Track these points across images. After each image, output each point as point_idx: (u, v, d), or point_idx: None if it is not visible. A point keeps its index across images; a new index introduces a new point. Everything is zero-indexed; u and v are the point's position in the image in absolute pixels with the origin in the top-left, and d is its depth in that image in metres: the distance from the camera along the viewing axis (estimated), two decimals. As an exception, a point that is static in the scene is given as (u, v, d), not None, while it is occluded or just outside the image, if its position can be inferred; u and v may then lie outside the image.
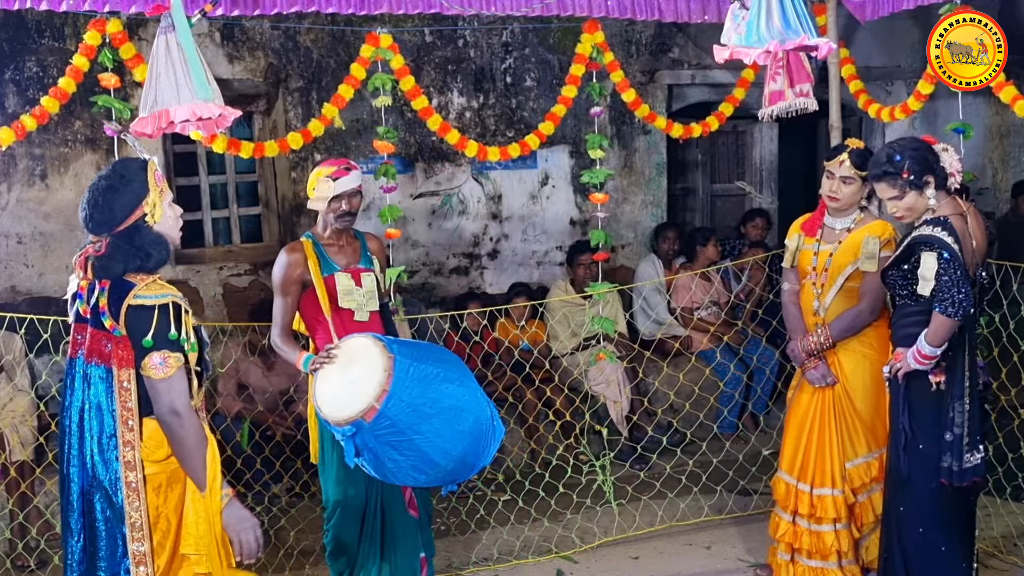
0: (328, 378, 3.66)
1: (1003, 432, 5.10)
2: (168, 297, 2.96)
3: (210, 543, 3.07)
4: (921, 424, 3.69)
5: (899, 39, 7.59)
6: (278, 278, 4.05)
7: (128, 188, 3.02)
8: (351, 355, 3.64)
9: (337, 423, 3.47)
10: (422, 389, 3.43)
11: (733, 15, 3.93)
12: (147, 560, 2.98)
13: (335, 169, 4.03)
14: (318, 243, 4.12)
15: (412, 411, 3.40)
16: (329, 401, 3.58)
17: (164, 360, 2.94)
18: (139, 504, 2.97)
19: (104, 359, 2.98)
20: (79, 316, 3.07)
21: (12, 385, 5.23)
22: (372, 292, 4.12)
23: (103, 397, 2.99)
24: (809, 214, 4.37)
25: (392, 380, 3.41)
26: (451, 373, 3.53)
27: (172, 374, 2.95)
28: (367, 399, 3.40)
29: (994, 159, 8.09)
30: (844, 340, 4.15)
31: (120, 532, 2.97)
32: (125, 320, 2.93)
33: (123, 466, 2.96)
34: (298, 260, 4.04)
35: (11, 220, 5.99)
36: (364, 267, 4.14)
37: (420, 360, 3.50)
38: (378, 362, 3.48)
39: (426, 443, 3.40)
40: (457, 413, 3.45)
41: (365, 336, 3.68)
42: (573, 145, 7.19)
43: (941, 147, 3.72)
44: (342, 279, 4.05)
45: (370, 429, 3.40)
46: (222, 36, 6.35)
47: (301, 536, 5.19)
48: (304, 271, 4.03)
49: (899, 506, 3.75)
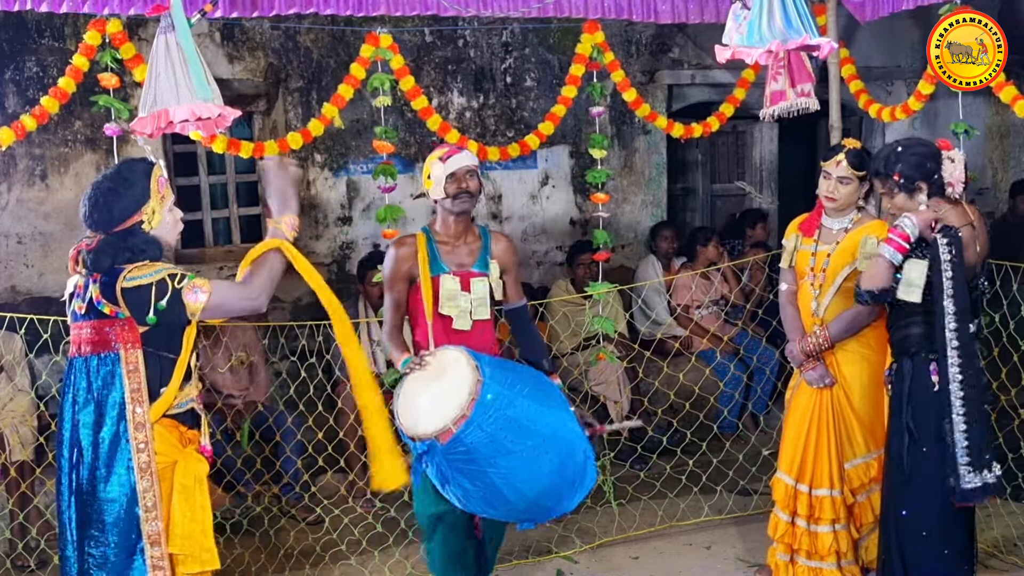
0: (413, 386, 3.43)
1: (1003, 432, 5.09)
2: (160, 272, 3.00)
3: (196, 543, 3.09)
4: (923, 425, 3.67)
5: (899, 39, 7.59)
6: (386, 273, 3.85)
7: (129, 192, 3.04)
8: (442, 367, 3.40)
9: (410, 436, 3.28)
10: (507, 421, 3.19)
11: (735, 15, 3.92)
12: (161, 540, 3.01)
13: (445, 150, 3.82)
14: (432, 239, 3.84)
15: (491, 442, 3.17)
16: (408, 411, 3.36)
17: (193, 289, 3.01)
18: (151, 484, 3.00)
19: (110, 347, 3.00)
20: (76, 315, 3.08)
21: (12, 385, 5.23)
22: (482, 300, 3.80)
23: (110, 384, 3.00)
24: (806, 214, 4.37)
25: (475, 406, 3.18)
26: (545, 408, 3.30)
27: (211, 291, 3.02)
28: (444, 420, 3.20)
29: (994, 159, 8.09)
30: (842, 341, 4.15)
31: (134, 514, 2.99)
32: (125, 302, 2.96)
33: (134, 447, 2.99)
34: (406, 255, 3.80)
35: (11, 220, 5.99)
36: (478, 271, 3.84)
37: (513, 388, 3.26)
38: (465, 383, 3.25)
39: (500, 478, 3.18)
40: (541, 454, 3.20)
41: (460, 350, 3.44)
42: (573, 145, 7.19)
43: (949, 155, 3.66)
44: (447, 282, 3.77)
45: (443, 452, 3.20)
46: (222, 36, 6.35)
47: (301, 536, 5.19)
48: (412, 266, 3.79)
49: (901, 509, 3.73)
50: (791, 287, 4.36)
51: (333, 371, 5.81)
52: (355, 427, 5.38)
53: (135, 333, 3.00)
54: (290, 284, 6.61)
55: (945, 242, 3.54)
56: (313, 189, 6.68)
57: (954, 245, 3.53)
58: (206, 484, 3.14)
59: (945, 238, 3.55)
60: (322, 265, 6.74)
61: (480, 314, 3.79)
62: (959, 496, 3.57)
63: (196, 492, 3.11)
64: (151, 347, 3.02)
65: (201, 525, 3.10)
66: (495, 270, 3.85)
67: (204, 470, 3.15)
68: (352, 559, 4.97)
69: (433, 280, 3.76)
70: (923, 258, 3.55)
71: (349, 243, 6.79)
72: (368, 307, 5.98)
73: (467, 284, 3.77)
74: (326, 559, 4.97)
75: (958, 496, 3.57)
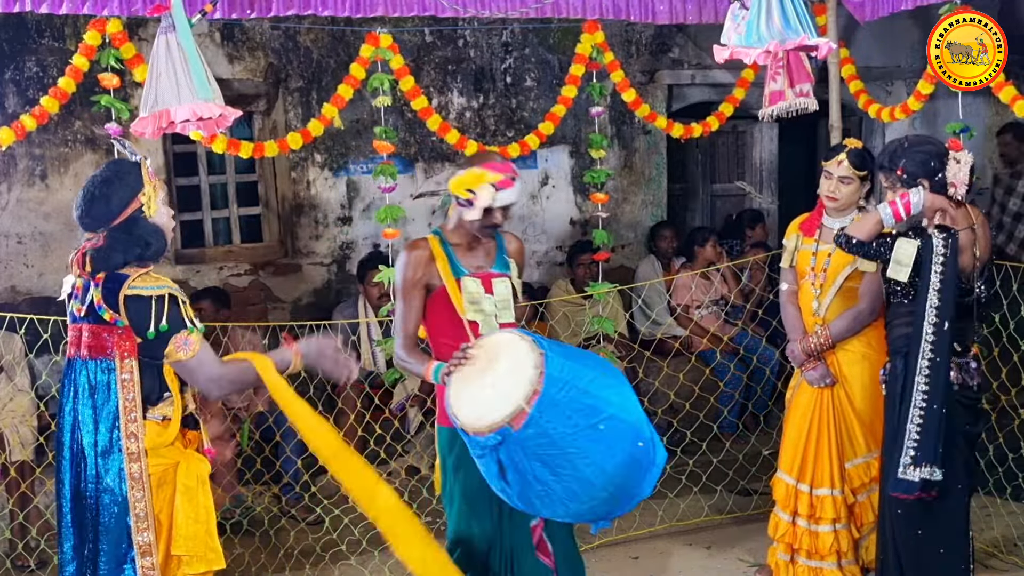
0: (466, 381, 3.13)
1: (1003, 432, 5.09)
2: (164, 289, 2.99)
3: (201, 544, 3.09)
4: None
5: (899, 39, 7.59)
6: (399, 280, 3.56)
7: (124, 182, 3.05)
8: (494, 353, 3.12)
9: (478, 432, 2.96)
10: (578, 393, 2.94)
11: (733, 15, 3.92)
12: (152, 550, 3.01)
13: (502, 178, 3.45)
14: (446, 241, 3.58)
15: (567, 418, 2.90)
16: (467, 407, 3.04)
17: (187, 340, 3.00)
18: (143, 495, 3.00)
19: (106, 353, 3.00)
20: (74, 317, 3.08)
21: (12, 385, 5.23)
22: (507, 301, 3.57)
23: (106, 391, 3.00)
24: (807, 214, 4.37)
25: (544, 379, 2.92)
26: (608, 379, 3.06)
27: (199, 349, 3.01)
28: (516, 401, 2.90)
29: (994, 159, 8.08)
30: (843, 340, 4.15)
31: (125, 524, 2.99)
32: (126, 311, 2.95)
33: (127, 457, 2.98)
34: (421, 259, 3.53)
35: (11, 220, 5.99)
36: (498, 271, 3.61)
37: (576, 360, 3.04)
38: (527, 358, 2.97)
39: (582, 459, 2.90)
40: (616, 425, 2.95)
41: (508, 331, 3.21)
42: (573, 145, 7.19)
43: (955, 156, 3.64)
44: (469, 285, 3.51)
45: (518, 439, 2.90)
46: (222, 36, 6.35)
47: (301, 536, 5.19)
48: (429, 272, 3.52)
49: (896, 507, 3.74)
50: (792, 287, 4.36)
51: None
52: (355, 427, 5.39)
53: (132, 343, 2.99)
54: (290, 284, 6.66)
55: (942, 238, 3.54)
56: (313, 189, 6.68)
57: (949, 245, 3.53)
58: (209, 484, 3.14)
59: (942, 233, 3.56)
60: (322, 265, 6.75)
61: (506, 316, 3.54)
62: (891, 485, 3.58)
63: (199, 493, 3.11)
64: (147, 357, 3.02)
65: (205, 525, 3.10)
66: (514, 269, 3.66)
67: (206, 470, 3.15)
68: (352, 559, 4.97)
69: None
70: (916, 240, 3.55)
71: (349, 243, 6.79)
72: (368, 307, 5.98)
73: (489, 286, 3.55)
74: (326, 559, 4.97)
75: (890, 484, 3.58)
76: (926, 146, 3.71)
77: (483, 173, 3.44)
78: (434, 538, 3.25)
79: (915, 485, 3.52)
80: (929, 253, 3.53)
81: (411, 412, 5.89)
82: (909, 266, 3.56)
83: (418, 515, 5.32)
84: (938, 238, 3.53)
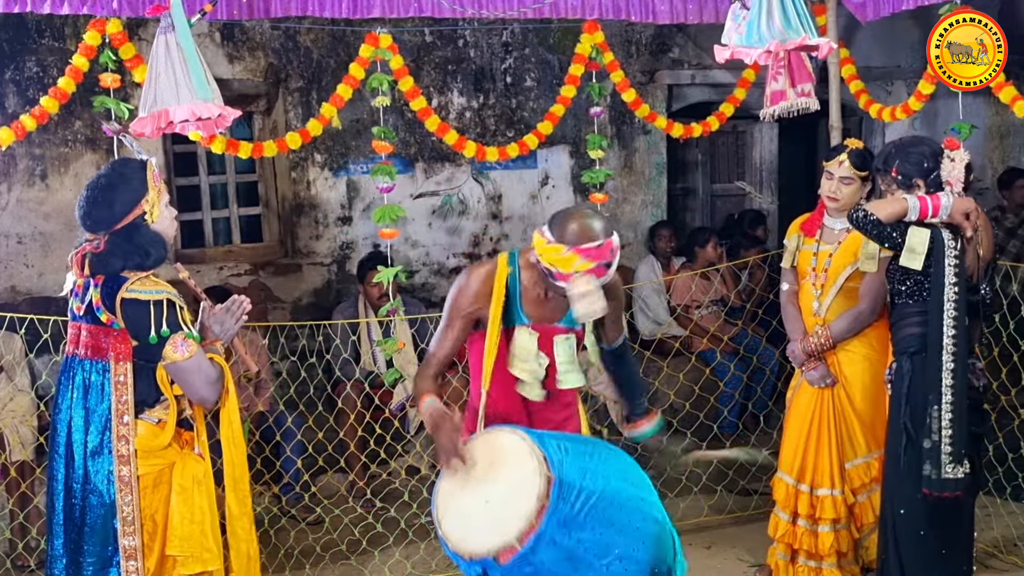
0: (456, 485, 2.67)
1: (1003, 432, 5.09)
2: (163, 294, 2.98)
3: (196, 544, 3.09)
4: (920, 424, 3.67)
5: (899, 39, 7.58)
6: (449, 299, 3.11)
7: (128, 186, 3.04)
8: (496, 459, 2.64)
9: (459, 553, 2.59)
10: (589, 531, 2.49)
11: (734, 15, 3.93)
12: (137, 555, 3.00)
13: (593, 266, 2.89)
14: (517, 276, 3.05)
15: (567, 560, 2.48)
16: (454, 518, 2.62)
17: (183, 342, 2.99)
18: (131, 499, 2.99)
19: (102, 354, 3.00)
20: (74, 315, 3.08)
21: (12, 385, 5.23)
22: (568, 364, 3.07)
23: (99, 392, 3.00)
24: (808, 214, 4.37)
25: (545, 515, 2.47)
26: (631, 501, 2.59)
27: (195, 351, 3.01)
28: (505, 536, 2.49)
29: (994, 159, 8.09)
30: (844, 340, 4.15)
31: (112, 527, 2.99)
32: (122, 314, 2.95)
33: (116, 459, 2.98)
34: (477, 289, 3.04)
35: (11, 220, 5.99)
36: (564, 326, 3.09)
37: (593, 480, 2.55)
38: (530, 484, 2.50)
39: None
40: (630, 562, 2.51)
41: (519, 437, 2.66)
42: (573, 145, 7.19)
43: (950, 155, 3.64)
44: (523, 338, 3.02)
45: (502, 572, 2.53)
46: (222, 36, 6.35)
47: (301, 536, 5.18)
48: (482, 307, 3.04)
49: (899, 508, 3.74)
50: (792, 287, 4.36)
51: (333, 371, 5.81)
52: (355, 427, 5.39)
53: (127, 346, 2.99)
54: (290, 284, 6.66)
55: (950, 234, 3.53)
56: (313, 189, 6.68)
57: (959, 239, 3.53)
58: (205, 484, 3.13)
59: (949, 230, 3.56)
60: (322, 265, 6.75)
61: (569, 380, 3.07)
62: (937, 485, 3.53)
63: (195, 493, 3.10)
64: (142, 360, 3.02)
65: (201, 526, 3.10)
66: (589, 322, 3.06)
67: (203, 471, 3.14)
68: (352, 559, 4.97)
69: (506, 331, 3.03)
70: (928, 228, 3.52)
71: (349, 243, 6.79)
72: (368, 307, 5.98)
73: (548, 343, 3.04)
74: (326, 559, 4.97)
75: (936, 485, 3.54)
76: (920, 146, 3.71)
77: (572, 258, 2.87)
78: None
79: (961, 482, 3.51)
80: (940, 246, 3.51)
81: (411, 412, 5.89)
82: (923, 255, 3.50)
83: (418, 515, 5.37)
84: (946, 232, 3.53)
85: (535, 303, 3.05)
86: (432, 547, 5.09)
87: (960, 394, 3.52)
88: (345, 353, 5.62)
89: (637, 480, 2.68)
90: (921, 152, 3.67)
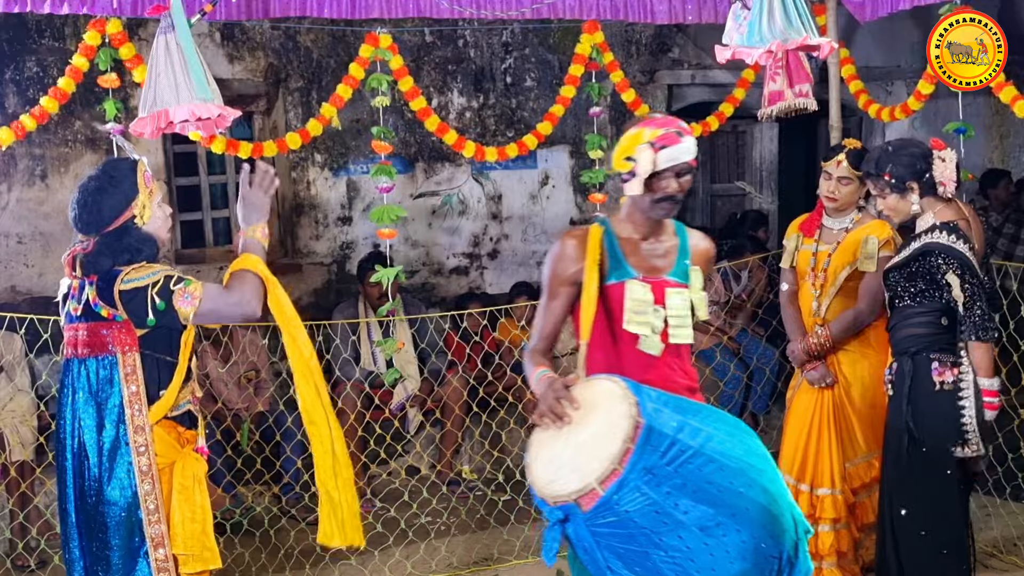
0: (550, 432, 2.53)
1: (1003, 432, 5.09)
2: (159, 274, 2.98)
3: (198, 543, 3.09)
4: (925, 425, 3.68)
5: (899, 39, 7.58)
6: (545, 273, 2.98)
7: (117, 189, 3.03)
8: (588, 404, 2.51)
9: (543, 497, 2.43)
10: (680, 482, 2.29)
11: (735, 15, 3.93)
12: (165, 541, 3.01)
13: (661, 132, 2.81)
14: (612, 233, 2.95)
15: (654, 512, 2.28)
16: (544, 462, 2.48)
17: (186, 293, 2.97)
18: (153, 488, 3.00)
19: (106, 349, 3.00)
20: (71, 316, 3.08)
21: (12, 385, 5.23)
22: (682, 318, 2.90)
23: (108, 387, 3.00)
24: (807, 214, 4.37)
25: (630, 459, 2.30)
26: (737, 464, 2.36)
27: (201, 291, 2.98)
28: (586, 478, 2.32)
29: (994, 159, 8.09)
30: (844, 340, 4.15)
31: (137, 517, 2.99)
32: (123, 306, 2.95)
33: (134, 450, 2.98)
34: (574, 253, 2.90)
35: (11, 220, 5.99)
36: (675, 280, 2.93)
37: (693, 435, 2.36)
38: (618, 427, 2.35)
39: (668, 563, 2.28)
40: (728, 528, 2.28)
41: (615, 381, 2.52)
42: (573, 145, 7.19)
43: (940, 155, 3.66)
44: (636, 290, 2.86)
45: (586, 521, 2.35)
46: (222, 36, 6.35)
47: (301, 536, 5.18)
48: (580, 269, 2.88)
49: (900, 508, 3.73)
50: (792, 287, 4.36)
51: (333, 371, 5.80)
52: (355, 427, 5.38)
53: (132, 336, 2.99)
54: (290, 284, 6.65)
55: (955, 237, 3.56)
56: (313, 189, 6.68)
57: (960, 237, 3.56)
58: (205, 483, 3.14)
59: (952, 234, 3.57)
60: (322, 265, 6.75)
61: (680, 336, 2.90)
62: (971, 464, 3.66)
63: (195, 492, 3.11)
64: (149, 350, 3.02)
65: (202, 525, 3.10)
66: (697, 279, 2.96)
67: (203, 469, 3.15)
68: (352, 559, 4.97)
69: (610, 288, 2.86)
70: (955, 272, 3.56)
71: (349, 243, 6.79)
72: (368, 307, 5.98)
73: (661, 295, 2.88)
74: (326, 559, 4.97)
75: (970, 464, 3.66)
76: (910, 148, 3.72)
77: (639, 132, 2.84)
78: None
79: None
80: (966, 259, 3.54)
81: (411, 412, 5.89)
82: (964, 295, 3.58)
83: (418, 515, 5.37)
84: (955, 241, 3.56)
85: (639, 255, 2.91)
86: (432, 547, 5.09)
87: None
88: (345, 353, 5.62)
89: (750, 448, 2.43)
90: (912, 154, 3.68)
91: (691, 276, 2.94)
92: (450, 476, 5.92)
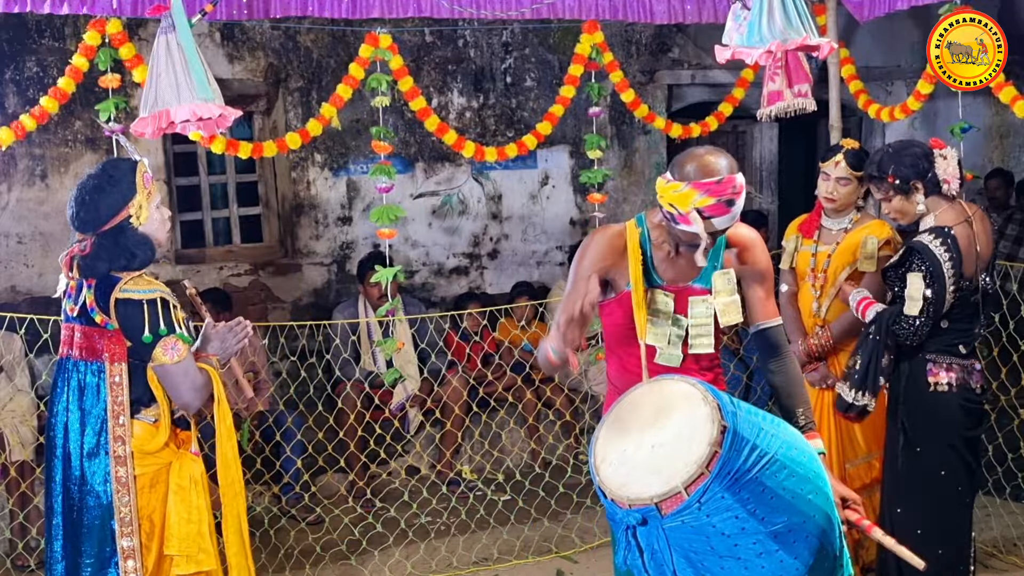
0: (621, 429, 2.45)
1: (1003, 432, 5.09)
2: (156, 292, 2.98)
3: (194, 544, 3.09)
4: (918, 425, 3.68)
5: (899, 39, 7.59)
6: (576, 260, 2.93)
7: (115, 189, 3.03)
8: (663, 405, 2.44)
9: (618, 501, 2.32)
10: (758, 488, 2.25)
11: (735, 15, 3.92)
12: (136, 555, 3.00)
13: (712, 203, 2.72)
14: (647, 236, 2.90)
15: (733, 518, 2.24)
16: (614, 464, 2.38)
17: (174, 345, 2.98)
18: (128, 499, 2.99)
19: (96, 355, 3.00)
20: (67, 316, 3.08)
21: (12, 385, 5.23)
22: (704, 327, 2.89)
23: (95, 393, 3.00)
24: (806, 215, 4.37)
25: (717, 465, 2.23)
26: (802, 474, 2.32)
27: (185, 355, 2.99)
28: (671, 482, 2.25)
29: (994, 159, 8.09)
30: (844, 341, 4.15)
31: (109, 527, 2.99)
32: (116, 314, 2.95)
33: (113, 460, 2.98)
34: (613, 249, 2.88)
35: (11, 220, 5.99)
36: (699, 286, 2.90)
37: (767, 443, 2.30)
38: (703, 431, 2.29)
39: (742, 570, 2.27)
40: (798, 535, 2.27)
41: (690, 384, 2.45)
42: (573, 145, 7.20)
43: (941, 153, 3.66)
44: (658, 299, 2.87)
45: (664, 526, 2.29)
46: (222, 36, 6.35)
47: (301, 536, 5.19)
48: (618, 268, 2.87)
49: (896, 508, 3.75)
50: (792, 288, 4.36)
51: (333, 371, 5.81)
52: (355, 427, 5.39)
53: (122, 346, 2.99)
54: (290, 284, 6.66)
55: (939, 243, 3.53)
56: (313, 189, 6.68)
57: (949, 245, 3.53)
58: (201, 485, 3.13)
59: (938, 239, 3.55)
60: (322, 265, 6.75)
61: (700, 346, 2.91)
62: (838, 404, 3.81)
63: (192, 493, 3.10)
64: (136, 360, 3.02)
65: (198, 526, 3.10)
66: (723, 284, 2.91)
67: (199, 470, 3.14)
68: (352, 559, 4.97)
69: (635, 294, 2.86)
70: (919, 270, 3.55)
71: (349, 243, 6.80)
72: (368, 307, 5.98)
73: (683, 304, 2.88)
74: (326, 559, 4.97)
75: (838, 404, 3.81)
76: (911, 148, 3.72)
77: (691, 194, 2.73)
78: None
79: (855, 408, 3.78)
80: (938, 267, 3.52)
81: (411, 412, 5.89)
82: (920, 300, 3.56)
83: (418, 515, 5.37)
84: (937, 246, 3.53)
85: (666, 263, 2.90)
86: (432, 547, 5.10)
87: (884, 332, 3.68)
88: (345, 353, 5.62)
89: (808, 454, 2.44)
90: (914, 154, 3.68)
91: (717, 281, 2.90)
92: (450, 476, 5.92)
